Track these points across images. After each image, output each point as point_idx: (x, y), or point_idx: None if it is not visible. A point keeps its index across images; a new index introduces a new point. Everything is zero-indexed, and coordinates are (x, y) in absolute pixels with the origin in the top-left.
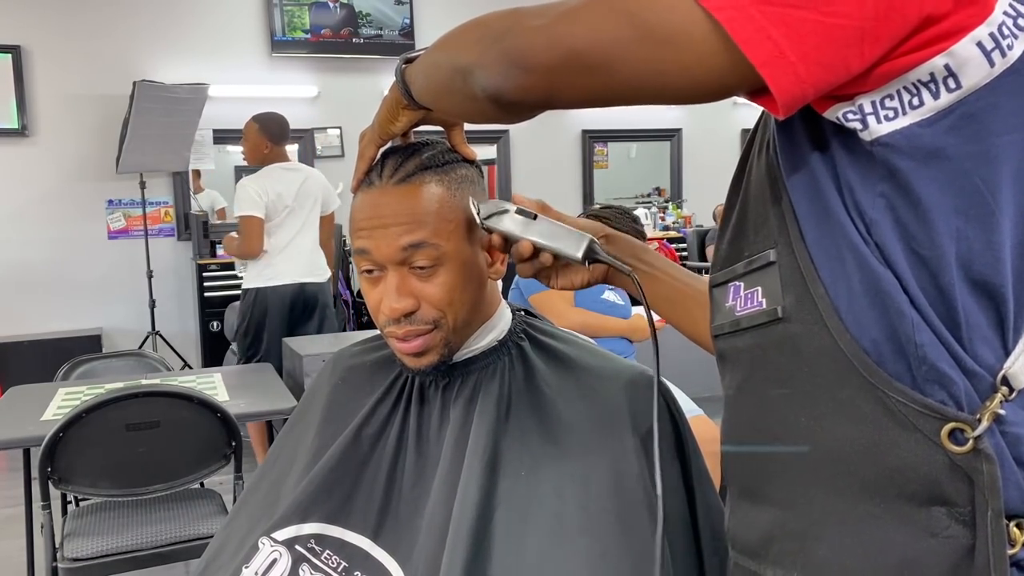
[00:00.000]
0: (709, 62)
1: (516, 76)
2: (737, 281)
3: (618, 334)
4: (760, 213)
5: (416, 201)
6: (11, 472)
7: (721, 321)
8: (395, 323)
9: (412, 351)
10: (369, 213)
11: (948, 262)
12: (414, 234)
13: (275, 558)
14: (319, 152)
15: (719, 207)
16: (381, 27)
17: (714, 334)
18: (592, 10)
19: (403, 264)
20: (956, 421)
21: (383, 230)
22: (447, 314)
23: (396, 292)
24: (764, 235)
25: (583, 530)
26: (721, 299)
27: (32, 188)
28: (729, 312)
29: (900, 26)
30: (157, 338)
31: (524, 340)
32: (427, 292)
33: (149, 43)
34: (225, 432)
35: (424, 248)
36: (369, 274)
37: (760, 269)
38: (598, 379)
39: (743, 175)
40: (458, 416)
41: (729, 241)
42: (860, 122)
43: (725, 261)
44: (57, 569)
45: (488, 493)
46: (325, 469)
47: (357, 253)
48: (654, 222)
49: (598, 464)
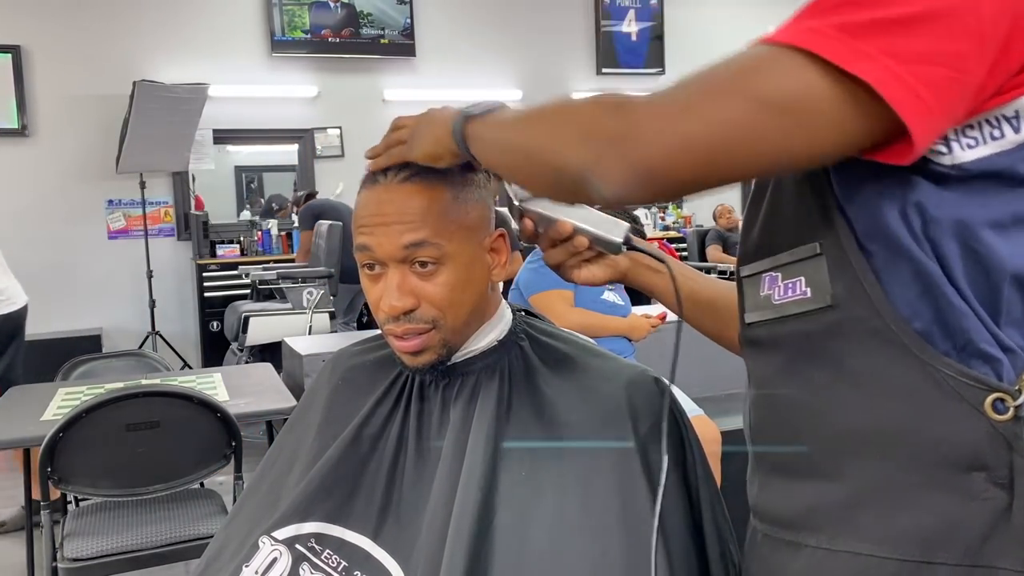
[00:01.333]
0: (841, 124)
1: (645, 184)
2: (773, 272)
3: (618, 333)
4: (798, 207)
5: (420, 200)
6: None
7: (756, 310)
8: (394, 321)
9: (410, 350)
10: (373, 210)
11: (1002, 264)
12: (416, 233)
13: (275, 557)
14: (319, 152)
15: (719, 207)
16: (383, 27)
17: (748, 322)
18: (714, 100)
19: (404, 262)
20: (999, 392)
21: (385, 227)
22: (446, 314)
23: (396, 290)
24: (806, 228)
25: (584, 529)
26: (754, 290)
27: (32, 188)
28: (766, 301)
29: (1005, 77)
30: (157, 338)
31: (524, 340)
32: (427, 291)
33: (149, 43)
34: (225, 432)
35: (426, 247)
36: (370, 270)
37: (803, 260)
38: (598, 379)
39: None
40: (458, 416)
41: (759, 235)
42: (944, 146)
43: (756, 254)
44: (57, 569)
45: (489, 493)
46: (325, 468)
47: (359, 249)
48: (654, 222)
49: (599, 464)
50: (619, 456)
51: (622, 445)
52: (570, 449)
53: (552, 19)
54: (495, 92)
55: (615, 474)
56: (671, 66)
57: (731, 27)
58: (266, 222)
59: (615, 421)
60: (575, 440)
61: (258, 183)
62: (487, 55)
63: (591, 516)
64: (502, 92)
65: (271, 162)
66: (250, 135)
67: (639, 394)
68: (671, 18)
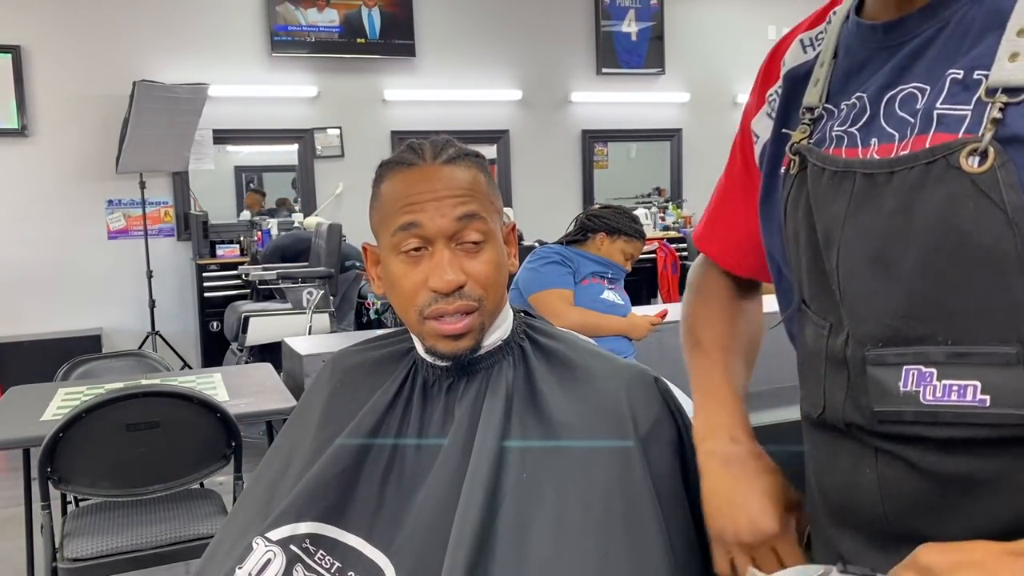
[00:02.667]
0: None
1: None
2: (922, 367)
3: (617, 333)
4: (982, 294)
5: (467, 177)
6: (11, 472)
7: (893, 407)
8: (444, 299)
9: (457, 331)
10: (421, 187)
11: None
12: (468, 205)
13: (269, 558)
14: (319, 152)
15: None
16: (387, 27)
17: (879, 419)
18: None
19: (452, 239)
20: None
21: (437, 202)
22: (488, 294)
23: (449, 265)
24: (995, 323)
25: (585, 531)
26: (888, 380)
27: (32, 188)
28: (907, 399)
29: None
30: (157, 338)
31: (525, 341)
32: (474, 269)
33: (149, 43)
34: (225, 432)
35: (476, 220)
36: (415, 253)
37: (988, 366)
38: (598, 379)
39: (901, 235)
40: (463, 416)
41: (895, 315)
42: None
43: (892, 338)
44: (57, 569)
45: (493, 494)
46: (321, 469)
47: (402, 229)
48: (654, 222)
49: (599, 464)
50: (619, 456)
51: (622, 444)
52: (570, 449)
53: (552, 19)
54: (495, 92)
55: (616, 474)
56: (671, 66)
57: (731, 27)
58: (266, 222)
59: (615, 421)
60: (575, 440)
61: (258, 183)
62: (487, 55)
63: (592, 516)
64: (502, 92)
65: (271, 162)
66: (250, 135)
67: (639, 394)
68: (671, 18)
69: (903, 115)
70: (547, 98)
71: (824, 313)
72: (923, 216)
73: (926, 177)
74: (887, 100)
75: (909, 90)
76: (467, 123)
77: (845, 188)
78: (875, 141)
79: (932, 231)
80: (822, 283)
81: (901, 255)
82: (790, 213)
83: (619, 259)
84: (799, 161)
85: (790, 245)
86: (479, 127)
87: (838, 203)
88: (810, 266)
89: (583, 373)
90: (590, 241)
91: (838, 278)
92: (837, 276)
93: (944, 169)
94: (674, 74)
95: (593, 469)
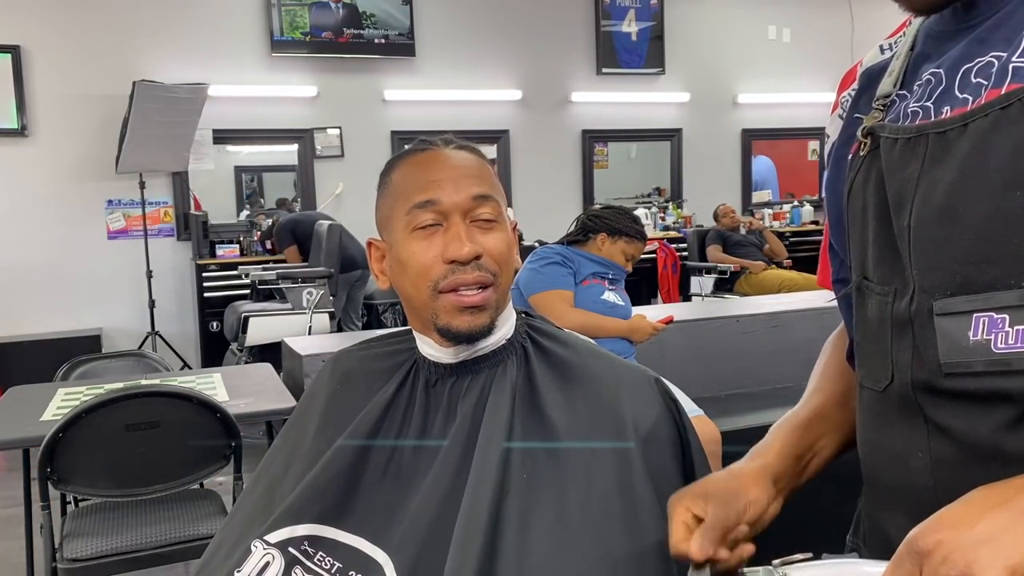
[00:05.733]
0: None
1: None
2: (993, 313)
3: (618, 335)
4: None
5: (479, 164)
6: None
7: (962, 356)
8: (462, 268)
9: (477, 303)
10: (439, 166)
11: None
12: (482, 187)
13: (267, 561)
14: (319, 152)
15: (721, 207)
16: (387, 28)
17: (946, 372)
18: None
19: (466, 216)
20: None
21: (454, 181)
22: (502, 271)
23: (466, 236)
24: None
25: (585, 531)
26: (957, 331)
27: (32, 188)
28: (977, 348)
29: None
30: (157, 338)
31: (527, 341)
32: (488, 243)
33: (149, 43)
34: (225, 432)
35: (490, 202)
36: (430, 228)
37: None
38: (598, 380)
39: (972, 172)
40: (466, 416)
41: (967, 257)
42: None
43: (962, 285)
44: (56, 569)
45: (498, 493)
46: (321, 471)
47: (419, 207)
48: (654, 222)
49: (599, 464)
50: (619, 456)
51: (622, 446)
52: (569, 450)
53: (552, 19)
54: (495, 92)
55: (616, 474)
56: (671, 66)
57: (731, 27)
58: (266, 222)
59: (614, 422)
60: (575, 441)
61: (258, 183)
62: (487, 55)
63: (592, 517)
64: (502, 92)
65: (271, 162)
66: (250, 135)
67: (638, 395)
68: (671, 18)
69: (978, 80)
70: (547, 98)
71: (888, 280)
72: (997, 158)
73: (1000, 121)
74: (963, 72)
75: (987, 60)
76: (467, 123)
77: (919, 151)
78: (947, 109)
79: (1005, 172)
80: (889, 250)
81: (973, 200)
82: (856, 192)
83: (620, 260)
84: (870, 141)
85: (854, 226)
86: (479, 127)
87: (912, 165)
88: (876, 237)
89: (583, 374)
90: (591, 241)
91: (909, 235)
92: (909, 234)
93: (1019, 112)
94: (674, 74)
95: (592, 470)
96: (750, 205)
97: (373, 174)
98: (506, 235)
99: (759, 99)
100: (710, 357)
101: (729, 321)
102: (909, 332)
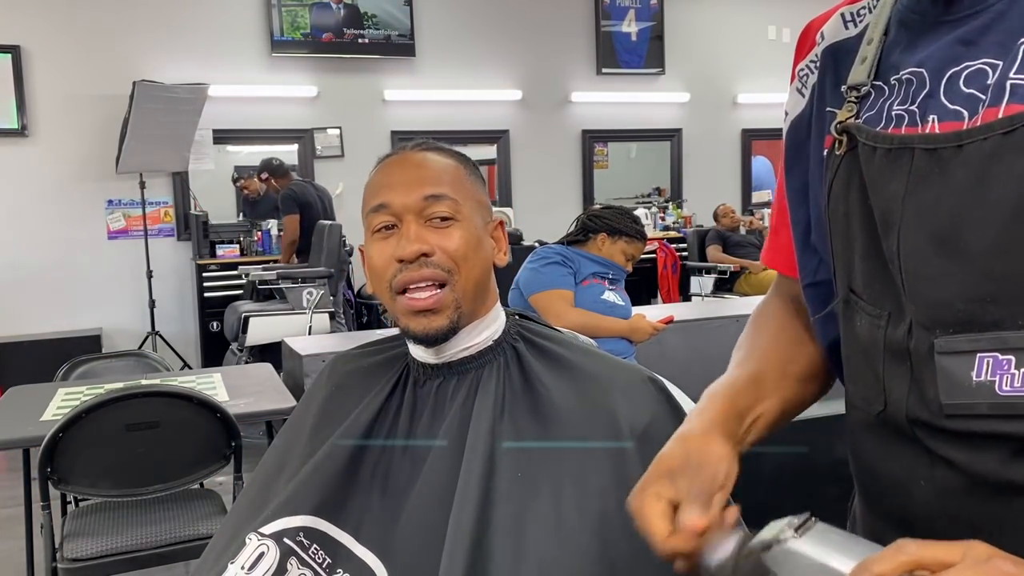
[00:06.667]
0: None
1: None
2: (998, 354)
3: (618, 335)
4: None
5: (438, 163)
6: (11, 472)
7: (964, 399)
8: (409, 267)
9: (426, 306)
10: (392, 171)
11: None
12: (436, 187)
13: (262, 552)
14: (319, 152)
15: (721, 207)
16: (388, 28)
17: (947, 413)
18: None
19: (420, 216)
20: None
21: (406, 185)
22: (460, 268)
23: (414, 235)
24: None
25: (581, 531)
26: (959, 371)
27: (32, 188)
28: (980, 390)
29: None
30: (157, 338)
31: (519, 341)
32: (443, 242)
33: (149, 43)
34: (225, 432)
35: (444, 200)
36: (385, 231)
37: None
38: (593, 379)
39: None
40: (454, 416)
41: (971, 294)
42: None
43: (964, 323)
44: (57, 569)
45: (487, 493)
46: (315, 467)
47: (373, 211)
48: (654, 222)
49: (594, 464)
50: (615, 455)
51: (618, 445)
52: (565, 449)
53: (552, 19)
54: (495, 92)
55: (612, 474)
56: (671, 66)
57: (731, 27)
58: (267, 223)
59: (610, 421)
60: (570, 440)
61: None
62: (487, 55)
63: (588, 516)
64: (502, 92)
65: None
66: (250, 135)
67: (635, 393)
68: (671, 18)
69: (970, 91)
70: (547, 98)
71: (879, 301)
72: (1001, 188)
73: (1003, 147)
74: (949, 76)
75: (978, 66)
76: (467, 123)
77: (902, 166)
78: (933, 118)
79: (1012, 203)
80: (878, 269)
81: (975, 232)
82: (837, 195)
83: (620, 260)
84: (846, 140)
85: (837, 230)
86: (479, 127)
87: (895, 182)
88: (865, 252)
89: (578, 373)
90: (591, 241)
91: (899, 262)
92: (899, 260)
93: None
94: (674, 74)
95: (588, 469)
96: (750, 205)
97: None
98: (465, 231)
99: (759, 99)
100: (710, 357)
101: (729, 321)
102: (906, 364)
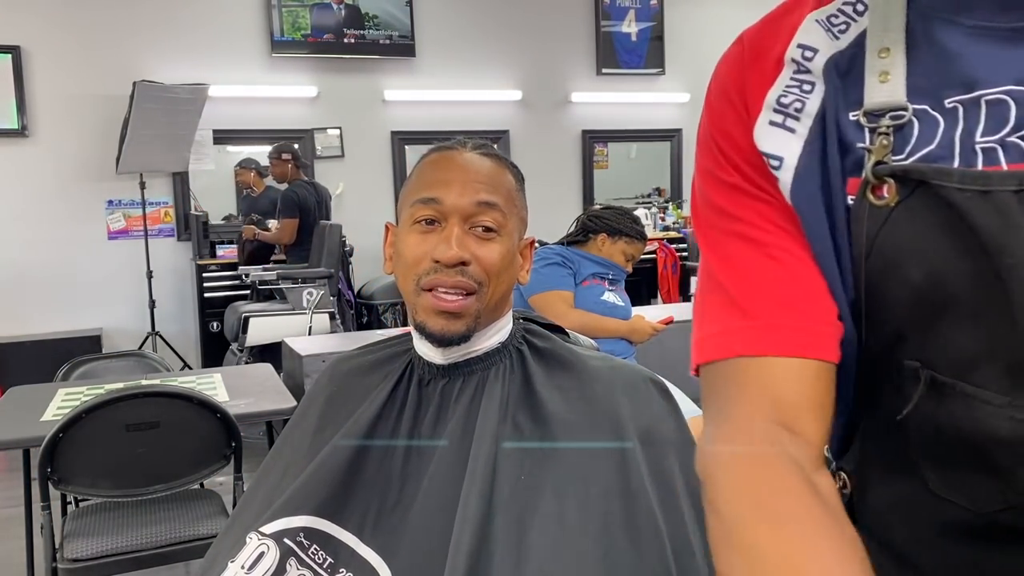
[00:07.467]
0: None
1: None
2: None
3: (618, 335)
4: None
5: (498, 172)
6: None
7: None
8: (444, 270)
9: (453, 308)
10: (453, 166)
11: None
12: (491, 195)
13: (262, 551)
14: (319, 152)
15: None
16: (389, 28)
17: None
18: None
19: (467, 221)
20: None
21: (462, 184)
22: (490, 282)
23: (456, 240)
24: None
25: (583, 532)
26: None
27: (32, 188)
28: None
29: None
30: (157, 338)
31: (523, 344)
32: (481, 253)
33: (149, 43)
34: (225, 432)
35: (495, 210)
36: (427, 224)
37: None
38: (596, 381)
39: None
40: (459, 418)
41: None
42: None
43: None
44: (57, 570)
45: (490, 497)
46: (317, 467)
47: (421, 202)
48: (654, 222)
49: (597, 465)
50: (618, 457)
51: (620, 446)
52: (568, 451)
53: (552, 19)
54: (495, 92)
55: (614, 475)
56: (671, 66)
57: (731, 27)
58: (267, 222)
59: (612, 422)
60: (573, 442)
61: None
62: (487, 55)
63: (591, 517)
64: (502, 92)
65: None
66: (250, 135)
67: (637, 395)
68: (671, 18)
69: None
70: (547, 98)
71: (1006, 385)
72: None
73: None
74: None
75: None
76: (467, 123)
77: (989, 209)
78: None
79: None
80: (992, 341)
81: None
82: (894, 253)
83: (620, 260)
84: (895, 186)
85: (899, 295)
86: (479, 127)
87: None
88: (971, 322)
89: (580, 374)
90: (591, 242)
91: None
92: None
93: None
94: (674, 74)
95: (591, 470)
96: None
97: (373, 174)
98: (505, 247)
99: None
100: None
101: None
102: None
